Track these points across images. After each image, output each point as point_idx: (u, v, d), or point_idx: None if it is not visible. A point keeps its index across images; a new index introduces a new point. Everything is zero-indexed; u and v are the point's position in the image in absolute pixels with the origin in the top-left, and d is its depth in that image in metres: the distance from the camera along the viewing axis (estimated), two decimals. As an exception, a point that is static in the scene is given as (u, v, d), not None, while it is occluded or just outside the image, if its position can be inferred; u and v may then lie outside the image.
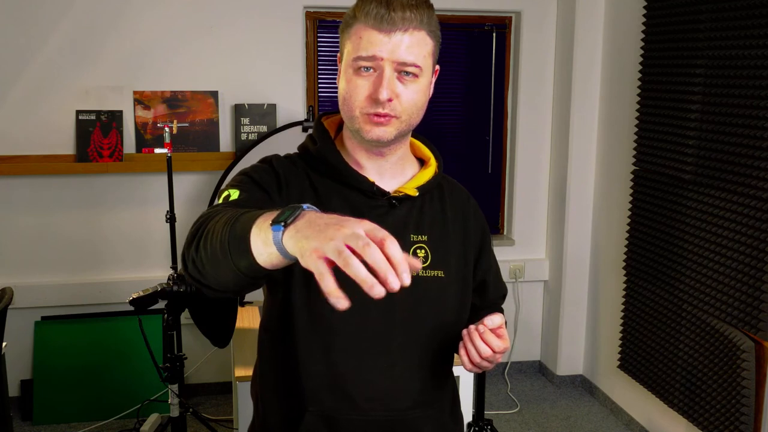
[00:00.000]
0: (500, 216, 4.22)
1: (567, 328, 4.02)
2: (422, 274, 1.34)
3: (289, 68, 3.70)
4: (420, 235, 1.36)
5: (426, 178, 1.40)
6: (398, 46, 1.24)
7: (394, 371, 1.33)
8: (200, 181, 3.70)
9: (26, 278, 3.60)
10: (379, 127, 1.28)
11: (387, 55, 1.24)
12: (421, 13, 1.25)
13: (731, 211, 2.74)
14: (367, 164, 1.36)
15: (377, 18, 1.23)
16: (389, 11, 1.22)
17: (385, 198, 1.35)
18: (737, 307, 2.72)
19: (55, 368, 3.57)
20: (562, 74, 3.91)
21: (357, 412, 1.32)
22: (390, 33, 1.23)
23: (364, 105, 1.27)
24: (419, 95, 1.29)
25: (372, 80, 1.25)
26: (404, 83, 1.26)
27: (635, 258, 3.39)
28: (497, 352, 1.27)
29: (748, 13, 2.65)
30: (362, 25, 1.25)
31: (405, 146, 1.40)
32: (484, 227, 1.50)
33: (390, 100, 1.25)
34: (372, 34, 1.24)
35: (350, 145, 1.37)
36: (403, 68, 1.25)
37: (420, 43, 1.26)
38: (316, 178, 1.36)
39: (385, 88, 1.24)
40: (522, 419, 3.70)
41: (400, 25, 1.23)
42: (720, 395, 2.81)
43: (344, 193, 1.34)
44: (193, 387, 3.83)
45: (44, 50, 3.47)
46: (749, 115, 2.66)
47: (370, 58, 1.24)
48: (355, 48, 1.26)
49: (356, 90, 1.27)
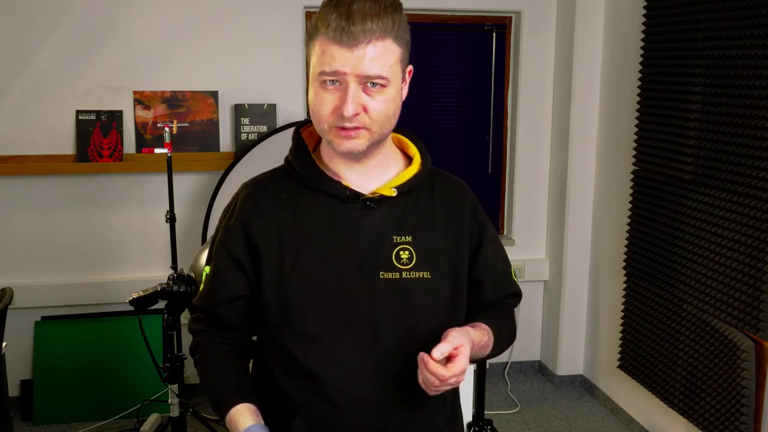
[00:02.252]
0: (500, 216, 4.22)
1: (567, 328, 4.02)
2: (406, 276, 1.32)
3: (289, 68, 3.70)
4: (403, 236, 1.34)
5: (407, 177, 1.37)
6: (361, 59, 1.20)
7: (381, 377, 1.32)
8: (200, 181, 3.70)
9: (26, 278, 3.60)
10: (349, 140, 1.26)
11: (350, 69, 1.21)
12: (384, 21, 1.21)
13: (731, 211, 2.74)
14: (346, 170, 1.36)
15: (337, 31, 1.19)
16: (349, 24, 1.18)
17: (360, 200, 1.33)
18: (737, 307, 2.72)
19: (55, 368, 3.57)
20: (562, 74, 3.91)
21: (345, 418, 1.31)
22: (352, 47, 1.20)
23: (332, 119, 1.25)
24: (388, 104, 1.26)
25: (338, 94, 1.23)
26: (371, 95, 1.24)
27: (635, 258, 3.39)
28: (445, 380, 1.21)
29: (748, 13, 2.65)
30: (324, 38, 1.22)
31: (384, 149, 1.37)
32: (483, 223, 1.46)
33: (356, 114, 1.23)
34: (333, 48, 1.21)
35: (329, 154, 1.37)
36: (367, 81, 1.23)
37: (385, 53, 1.22)
38: (296, 189, 1.36)
39: (350, 104, 1.22)
40: (522, 419, 3.70)
41: (362, 38, 1.19)
42: (720, 395, 2.81)
43: (321, 201, 1.34)
44: (193, 387, 3.82)
45: (44, 50, 3.47)
46: (749, 115, 2.66)
47: (333, 73, 1.22)
48: (319, 62, 1.23)
49: (322, 104, 1.25)
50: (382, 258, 1.33)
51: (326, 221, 1.34)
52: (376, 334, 1.31)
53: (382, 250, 1.33)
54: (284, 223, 1.34)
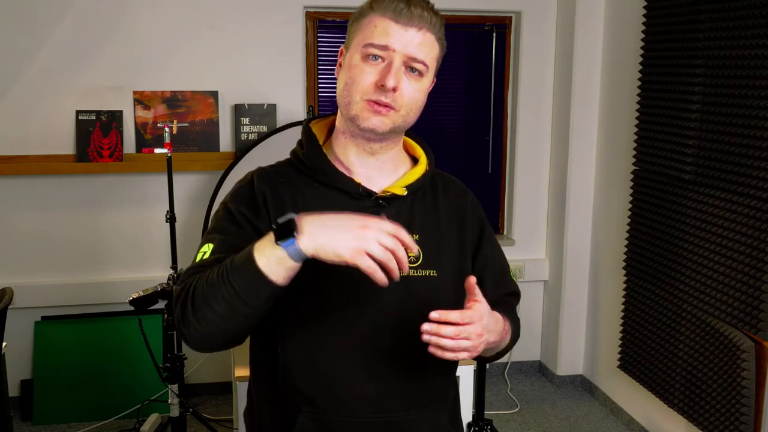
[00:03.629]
0: (500, 216, 4.22)
1: (567, 328, 4.02)
2: (413, 275, 1.33)
3: (289, 68, 3.70)
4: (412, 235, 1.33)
5: (415, 177, 1.39)
6: (411, 41, 1.26)
7: (386, 374, 1.32)
8: (200, 181, 3.70)
9: (26, 278, 3.60)
10: (377, 116, 1.28)
11: (400, 47, 1.26)
12: (435, 18, 1.29)
13: (731, 211, 2.74)
14: (357, 164, 1.36)
15: (396, 11, 1.26)
16: (409, 7, 1.26)
17: (372, 198, 1.34)
18: (737, 307, 2.72)
19: (55, 368, 3.57)
20: (562, 74, 3.91)
21: (349, 415, 1.32)
22: (406, 27, 1.26)
23: (368, 91, 1.27)
24: (420, 94, 1.31)
25: (379, 69, 1.27)
26: (409, 79, 1.28)
27: (635, 258, 3.39)
28: (459, 328, 1.17)
29: (748, 13, 2.65)
30: (379, 15, 1.27)
31: (397, 146, 1.39)
32: (482, 223, 1.48)
33: (395, 90, 1.26)
34: (389, 24, 1.26)
35: (341, 145, 1.37)
36: (411, 64, 1.27)
37: (430, 45, 1.29)
38: (305, 182, 1.36)
39: (392, 77, 1.25)
40: (522, 419, 3.70)
41: (417, 22, 1.26)
42: (720, 395, 2.81)
43: (332, 196, 1.34)
44: (193, 387, 3.83)
45: (44, 50, 3.47)
46: (749, 115, 2.66)
47: (382, 47, 1.26)
48: (369, 35, 1.27)
49: (362, 75, 1.27)
50: None
51: None
52: (383, 331, 1.31)
53: None
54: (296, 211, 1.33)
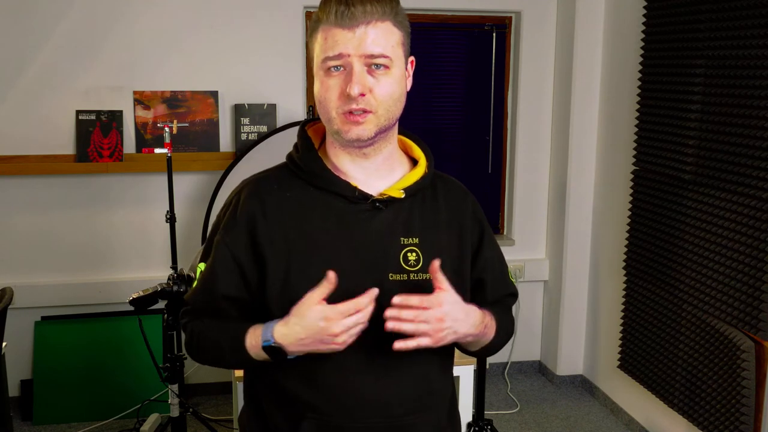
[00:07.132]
0: (500, 216, 4.22)
1: (567, 328, 4.02)
2: (414, 278, 1.32)
3: (289, 68, 3.70)
4: (411, 238, 1.34)
5: (414, 179, 1.37)
6: (363, 39, 1.24)
7: (388, 378, 1.32)
8: (200, 181, 3.70)
9: (26, 278, 3.60)
10: (356, 126, 1.27)
11: (353, 50, 1.24)
12: (383, 5, 1.25)
13: (731, 211, 2.74)
14: (352, 167, 1.35)
15: (338, 15, 1.23)
16: (349, 7, 1.22)
17: (368, 201, 1.33)
18: (737, 307, 2.72)
19: (55, 368, 3.57)
20: (562, 74, 3.91)
21: (353, 420, 1.31)
22: (353, 28, 1.23)
23: (338, 104, 1.26)
24: (394, 87, 1.28)
25: (343, 78, 1.25)
26: (376, 77, 1.26)
27: (635, 258, 3.39)
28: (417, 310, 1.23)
29: (748, 13, 2.65)
30: (326, 25, 1.25)
31: (391, 145, 1.37)
32: (482, 224, 1.47)
33: (362, 94, 1.24)
34: (336, 32, 1.24)
35: (334, 150, 1.36)
36: (372, 61, 1.25)
37: (386, 34, 1.26)
38: (301, 187, 1.35)
39: (355, 84, 1.23)
40: (522, 419, 3.70)
41: (362, 19, 1.23)
42: (720, 395, 2.81)
43: (328, 200, 1.34)
44: (193, 387, 3.83)
45: (44, 50, 3.47)
46: (749, 115, 2.66)
47: (337, 56, 1.24)
48: (323, 49, 1.26)
49: (328, 91, 1.26)
50: (390, 260, 1.32)
51: (333, 221, 1.33)
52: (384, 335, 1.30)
53: (391, 252, 1.33)
54: (290, 222, 1.33)
